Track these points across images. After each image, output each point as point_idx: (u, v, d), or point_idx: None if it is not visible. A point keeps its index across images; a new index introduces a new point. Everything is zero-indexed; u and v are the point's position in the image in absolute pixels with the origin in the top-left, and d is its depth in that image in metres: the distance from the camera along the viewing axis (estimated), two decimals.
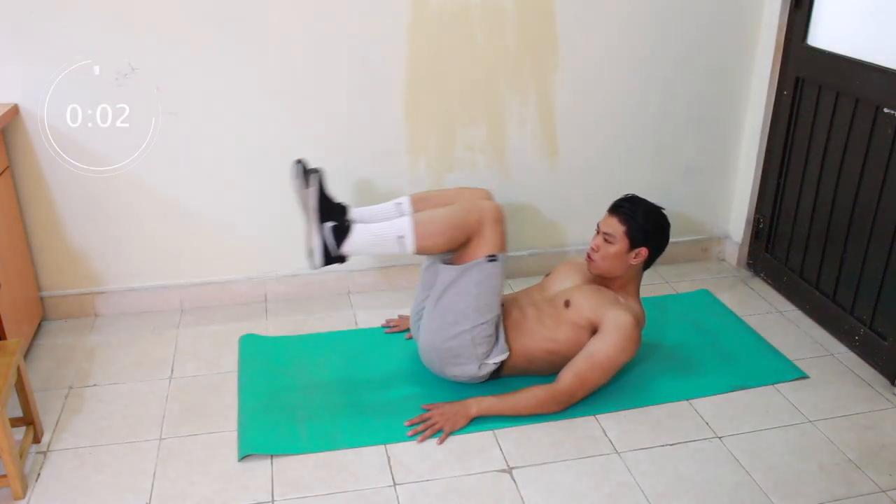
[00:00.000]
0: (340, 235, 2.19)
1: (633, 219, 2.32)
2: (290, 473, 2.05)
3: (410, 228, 2.18)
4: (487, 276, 2.21)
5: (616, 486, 2.02)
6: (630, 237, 2.31)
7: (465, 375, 2.31)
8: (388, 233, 2.20)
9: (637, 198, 2.38)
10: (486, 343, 2.26)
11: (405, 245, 2.19)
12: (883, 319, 2.48)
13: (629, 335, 2.22)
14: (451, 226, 2.20)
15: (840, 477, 2.05)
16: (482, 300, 2.22)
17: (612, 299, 2.31)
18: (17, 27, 2.42)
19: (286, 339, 2.67)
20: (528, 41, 2.78)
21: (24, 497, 1.96)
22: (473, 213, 2.21)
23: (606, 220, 2.36)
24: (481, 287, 2.22)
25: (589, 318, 2.28)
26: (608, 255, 2.32)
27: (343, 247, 2.19)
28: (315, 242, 2.20)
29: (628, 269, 2.36)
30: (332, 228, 2.19)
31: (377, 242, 2.20)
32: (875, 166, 2.46)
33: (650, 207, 2.36)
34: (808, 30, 2.73)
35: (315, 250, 2.21)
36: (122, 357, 2.58)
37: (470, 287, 2.22)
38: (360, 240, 2.20)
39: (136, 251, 2.78)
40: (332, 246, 2.18)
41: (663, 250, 2.40)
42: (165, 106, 2.60)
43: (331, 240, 2.19)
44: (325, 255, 2.21)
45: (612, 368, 2.25)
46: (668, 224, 2.39)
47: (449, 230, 2.20)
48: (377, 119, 2.77)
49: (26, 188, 2.62)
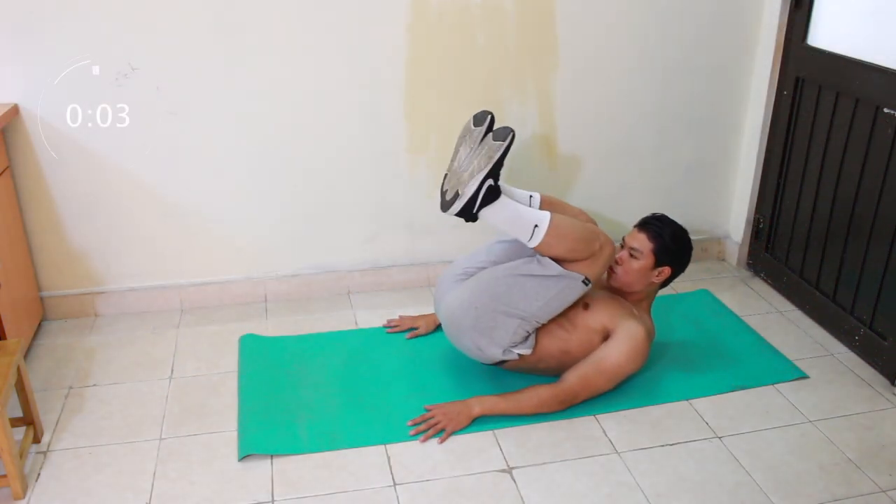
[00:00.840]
0: (489, 198, 2.17)
1: (661, 237, 2.36)
2: (290, 473, 2.05)
3: (547, 223, 2.20)
4: (571, 292, 2.24)
5: (616, 486, 2.02)
6: (656, 255, 2.35)
7: (482, 350, 2.28)
8: (527, 217, 2.21)
9: (666, 217, 2.42)
10: (522, 338, 2.27)
11: (536, 235, 2.19)
12: (883, 319, 2.48)
13: (639, 347, 2.26)
14: (579, 238, 2.23)
15: (840, 477, 2.05)
16: (552, 305, 2.24)
17: (628, 309, 2.36)
18: (17, 27, 2.42)
19: (286, 339, 2.67)
20: (528, 41, 2.78)
21: (24, 497, 1.96)
22: (600, 240, 2.25)
23: (634, 235, 2.39)
24: (560, 295, 2.24)
25: (604, 323, 2.31)
26: (632, 270, 2.36)
27: (484, 209, 2.18)
28: (468, 190, 2.15)
29: (648, 286, 2.41)
30: (489, 188, 2.16)
31: (512, 221, 2.21)
32: (875, 166, 2.46)
33: (678, 228, 2.41)
34: (808, 30, 2.73)
35: (463, 197, 2.15)
36: (122, 357, 2.58)
37: (551, 288, 2.23)
38: (501, 212, 2.19)
39: (136, 251, 2.78)
40: (479, 202, 2.16)
41: (683, 272, 2.45)
42: (165, 106, 2.60)
43: (482, 195, 2.16)
44: (467, 205, 2.17)
45: (618, 376, 2.27)
46: (691, 248, 2.44)
47: (575, 242, 2.22)
48: (377, 119, 2.77)
49: (26, 188, 2.62)
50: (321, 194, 2.84)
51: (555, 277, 2.23)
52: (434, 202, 2.93)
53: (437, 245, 3.03)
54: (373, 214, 2.92)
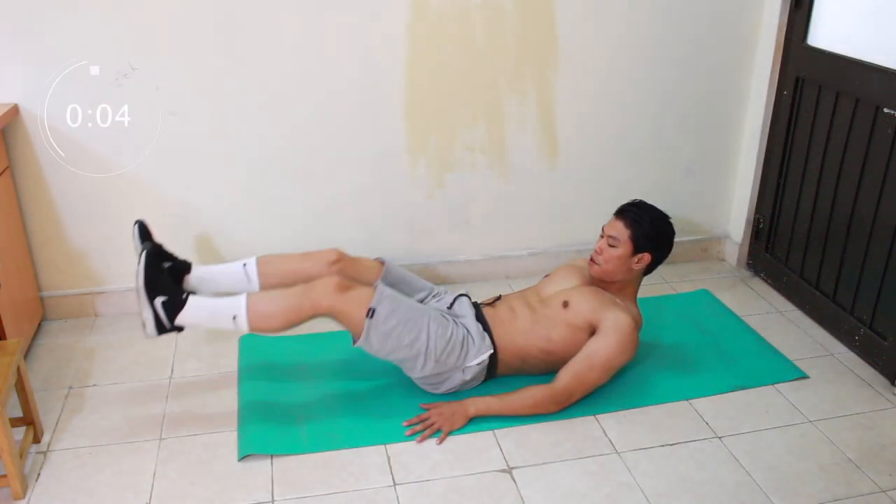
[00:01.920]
0: (173, 310, 2.13)
1: (638, 224, 2.33)
2: (290, 473, 2.05)
3: (244, 310, 2.15)
4: (384, 324, 2.18)
5: (616, 486, 2.02)
6: (634, 241, 2.32)
7: (459, 384, 2.31)
8: (222, 311, 2.16)
9: (644, 203, 2.39)
10: (454, 351, 2.25)
11: (240, 325, 2.15)
12: (883, 319, 2.48)
13: (628, 336, 2.24)
14: (285, 308, 2.17)
15: (840, 477, 2.05)
16: (404, 339, 2.20)
17: (610, 301, 2.33)
18: (17, 27, 2.42)
19: (286, 339, 2.67)
20: (528, 41, 2.77)
21: (24, 497, 1.96)
22: (307, 300, 2.17)
23: (612, 224, 2.37)
24: (390, 334, 2.19)
25: (588, 319, 2.29)
26: (611, 258, 2.34)
27: (178, 319, 2.14)
28: (146, 316, 2.13)
29: (629, 274, 2.37)
30: (164, 303, 2.13)
31: (211, 319, 2.17)
32: (875, 166, 2.46)
33: (657, 214, 2.37)
34: (808, 30, 2.73)
35: (147, 322, 2.14)
36: (122, 357, 2.58)
37: (386, 342, 2.20)
38: (195, 315, 2.15)
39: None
40: (164, 319, 2.13)
41: (666, 258, 2.42)
42: (165, 106, 2.60)
43: (163, 314, 2.13)
44: (157, 326, 2.14)
45: (611, 369, 2.25)
46: (673, 232, 2.40)
47: (283, 313, 2.17)
48: (377, 119, 2.77)
49: (26, 188, 2.62)
50: (321, 194, 2.84)
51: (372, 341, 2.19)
52: (434, 202, 2.93)
53: (437, 245, 3.02)
54: (373, 214, 2.92)
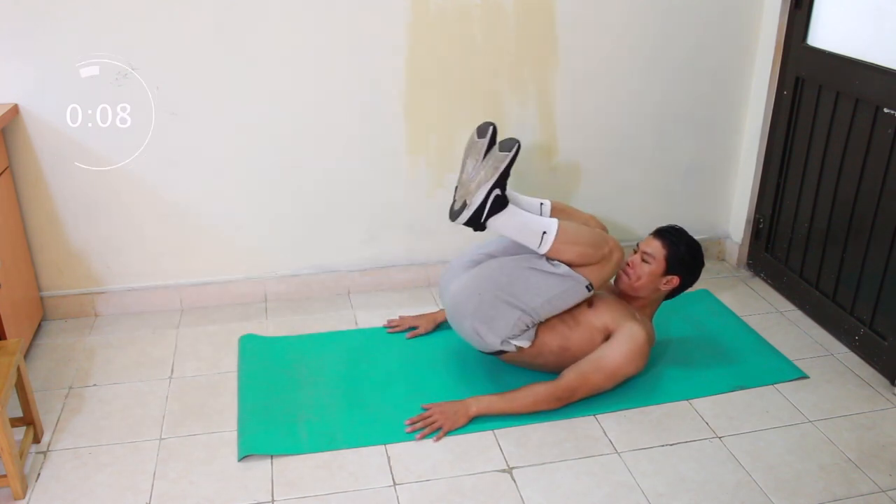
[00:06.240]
0: (496, 207, 2.21)
1: (675, 246, 2.40)
2: (290, 473, 2.05)
3: (555, 230, 2.23)
4: (573, 294, 2.26)
5: (616, 486, 2.02)
6: (668, 262, 2.38)
7: (481, 337, 2.29)
8: (535, 225, 2.24)
9: (683, 230, 2.46)
10: (521, 331, 2.27)
11: (545, 242, 2.23)
12: (883, 319, 2.48)
13: (640, 349, 2.27)
14: (588, 244, 2.26)
15: (840, 477, 2.05)
16: (554, 304, 2.26)
17: (631, 312, 2.38)
18: (17, 27, 2.42)
19: (286, 339, 2.67)
20: (528, 41, 2.78)
21: (24, 497, 1.96)
22: (609, 245, 2.28)
23: (648, 241, 2.43)
24: (563, 295, 2.25)
25: (606, 323, 2.32)
26: (643, 274, 2.39)
27: (491, 218, 2.22)
28: (476, 200, 2.20)
29: (654, 293, 2.43)
30: (497, 197, 2.20)
31: (520, 229, 2.25)
32: (875, 166, 2.46)
33: (693, 242, 2.45)
34: (808, 30, 2.73)
35: (471, 207, 2.20)
36: (122, 357, 2.58)
37: (554, 287, 2.24)
38: (509, 220, 2.23)
39: (136, 251, 2.78)
40: (486, 211, 2.20)
41: (690, 286, 2.49)
42: (165, 106, 2.60)
43: (489, 205, 2.20)
44: (475, 215, 2.21)
45: (616, 377, 2.27)
46: (703, 263, 2.47)
47: (584, 247, 2.25)
48: (377, 119, 2.77)
49: (26, 188, 2.62)
50: (321, 194, 2.84)
51: (560, 276, 2.24)
52: (434, 202, 2.93)
53: (437, 245, 3.02)
54: (373, 214, 2.92)
